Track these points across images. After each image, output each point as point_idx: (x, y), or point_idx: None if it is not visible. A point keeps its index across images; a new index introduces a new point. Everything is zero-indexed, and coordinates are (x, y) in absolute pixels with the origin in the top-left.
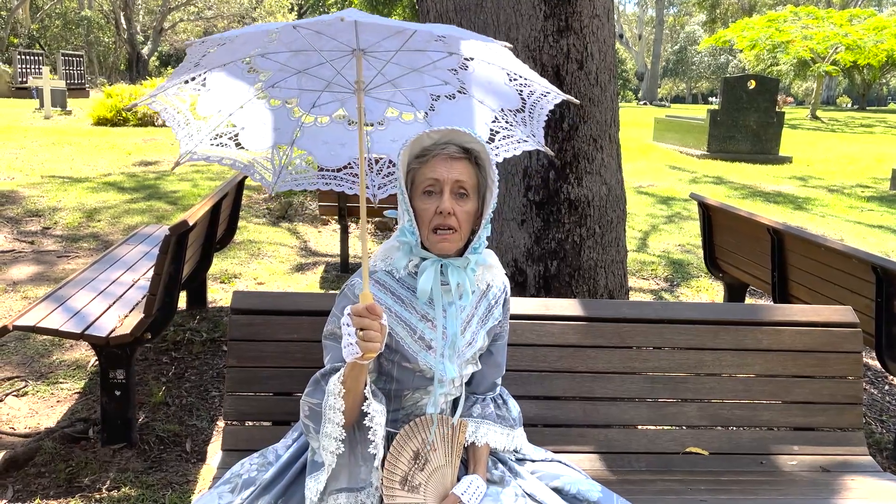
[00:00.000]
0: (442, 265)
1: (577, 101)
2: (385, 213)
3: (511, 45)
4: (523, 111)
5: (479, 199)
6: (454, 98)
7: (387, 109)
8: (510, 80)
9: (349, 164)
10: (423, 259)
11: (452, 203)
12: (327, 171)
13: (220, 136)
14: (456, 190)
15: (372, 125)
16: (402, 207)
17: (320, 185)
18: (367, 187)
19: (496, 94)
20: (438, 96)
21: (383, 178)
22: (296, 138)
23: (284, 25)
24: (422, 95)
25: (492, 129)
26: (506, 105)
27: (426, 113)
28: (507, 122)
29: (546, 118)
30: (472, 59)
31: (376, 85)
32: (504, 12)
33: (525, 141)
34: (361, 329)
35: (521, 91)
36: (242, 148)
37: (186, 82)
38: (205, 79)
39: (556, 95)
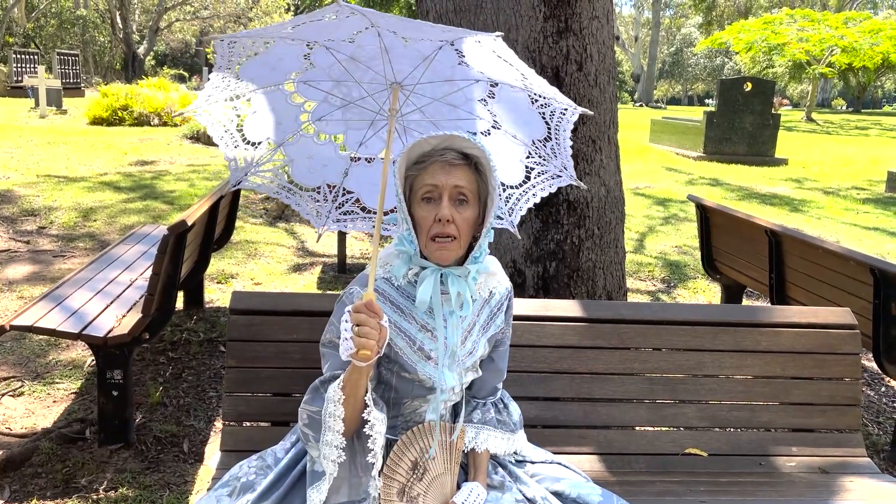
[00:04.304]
0: (442, 274)
1: (592, 113)
2: (386, 217)
3: (502, 34)
4: (551, 139)
5: (481, 205)
6: (489, 135)
7: None
8: (532, 102)
9: (395, 208)
10: (423, 268)
11: (452, 210)
12: (374, 212)
13: (272, 167)
14: (455, 196)
15: None
16: (401, 215)
17: (367, 228)
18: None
19: (524, 123)
20: (475, 133)
21: None
22: (345, 178)
23: (316, 47)
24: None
25: (527, 167)
26: (535, 135)
27: None
28: (539, 157)
29: (570, 143)
30: (496, 85)
31: (416, 121)
32: (504, 13)
33: (559, 176)
34: (358, 324)
35: (544, 113)
36: (293, 182)
37: (231, 99)
38: (249, 99)
39: (573, 112)
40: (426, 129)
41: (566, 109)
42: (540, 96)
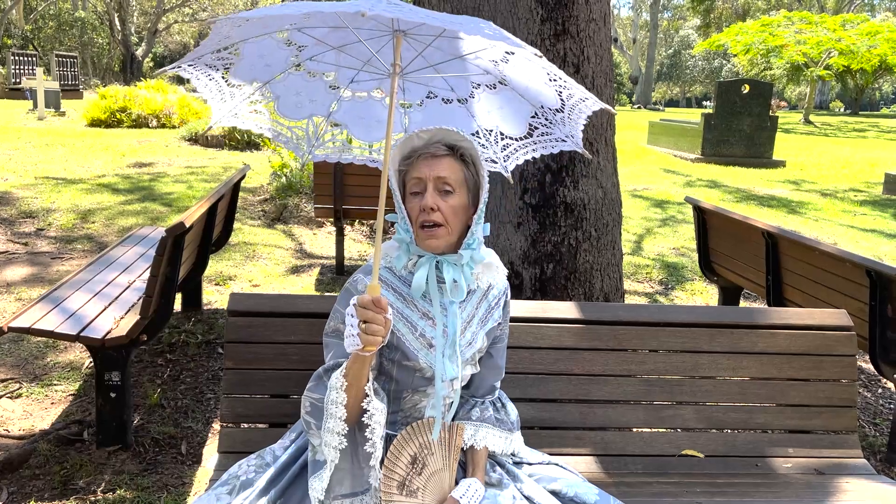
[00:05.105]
0: (438, 262)
1: (614, 111)
2: (386, 216)
3: (541, 54)
4: (562, 111)
5: (470, 194)
6: (495, 88)
7: (427, 93)
8: (550, 80)
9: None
10: (420, 256)
11: (436, 199)
12: (362, 146)
13: (255, 104)
14: (440, 187)
15: (411, 105)
16: (397, 206)
17: (353, 160)
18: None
19: (536, 90)
20: (479, 84)
21: None
22: (333, 111)
23: (319, 3)
24: (463, 82)
25: (531, 125)
26: (546, 104)
27: (466, 99)
28: (546, 120)
29: (585, 122)
30: (512, 52)
31: (417, 69)
32: (501, 16)
33: (563, 140)
34: (365, 321)
35: (561, 93)
36: (277, 116)
37: (219, 51)
38: (237, 48)
39: (594, 102)
40: (428, 79)
41: (586, 98)
42: (559, 77)
